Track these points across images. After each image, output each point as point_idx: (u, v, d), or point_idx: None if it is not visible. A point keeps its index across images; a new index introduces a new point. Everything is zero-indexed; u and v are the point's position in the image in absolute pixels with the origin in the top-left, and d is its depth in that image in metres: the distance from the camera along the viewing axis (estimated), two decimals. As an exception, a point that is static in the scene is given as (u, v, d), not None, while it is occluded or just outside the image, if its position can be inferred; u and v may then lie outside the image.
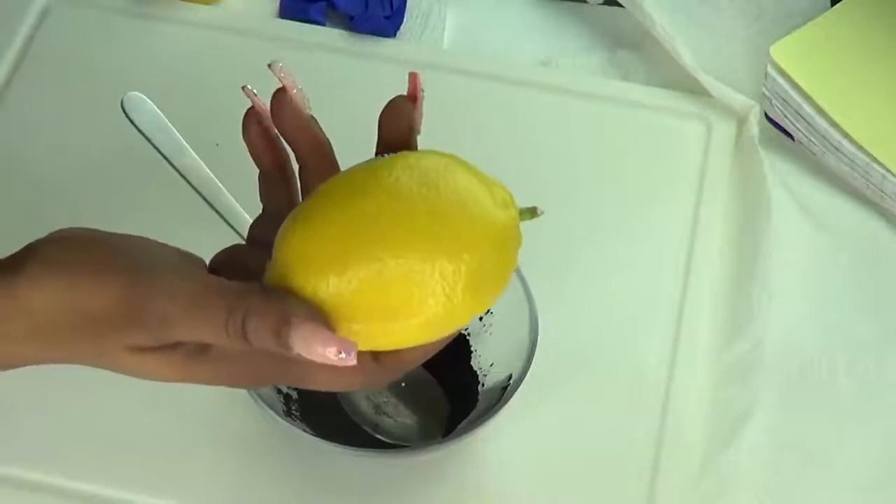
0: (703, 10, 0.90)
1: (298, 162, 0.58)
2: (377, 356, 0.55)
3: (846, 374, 0.76)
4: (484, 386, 0.72)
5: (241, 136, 0.58)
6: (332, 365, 0.52)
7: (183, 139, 0.75)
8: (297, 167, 0.59)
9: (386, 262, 0.51)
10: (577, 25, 0.92)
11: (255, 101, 0.58)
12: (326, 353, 0.50)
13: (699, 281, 0.79)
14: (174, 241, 0.56)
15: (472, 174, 0.54)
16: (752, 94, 0.85)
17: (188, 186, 0.73)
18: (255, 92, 0.58)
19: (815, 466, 0.73)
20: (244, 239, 0.62)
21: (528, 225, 0.55)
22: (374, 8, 0.88)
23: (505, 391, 0.69)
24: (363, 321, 0.52)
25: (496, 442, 0.73)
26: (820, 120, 0.81)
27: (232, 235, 0.71)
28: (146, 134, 0.75)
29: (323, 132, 0.58)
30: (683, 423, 0.74)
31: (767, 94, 0.84)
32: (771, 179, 0.82)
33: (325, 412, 0.71)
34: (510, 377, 0.69)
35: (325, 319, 0.51)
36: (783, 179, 0.83)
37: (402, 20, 0.89)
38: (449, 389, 0.73)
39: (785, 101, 0.83)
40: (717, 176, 0.84)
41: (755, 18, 0.90)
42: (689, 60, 0.87)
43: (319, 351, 0.50)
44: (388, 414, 0.72)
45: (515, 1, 0.93)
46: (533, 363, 0.69)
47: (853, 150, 0.80)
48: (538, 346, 0.69)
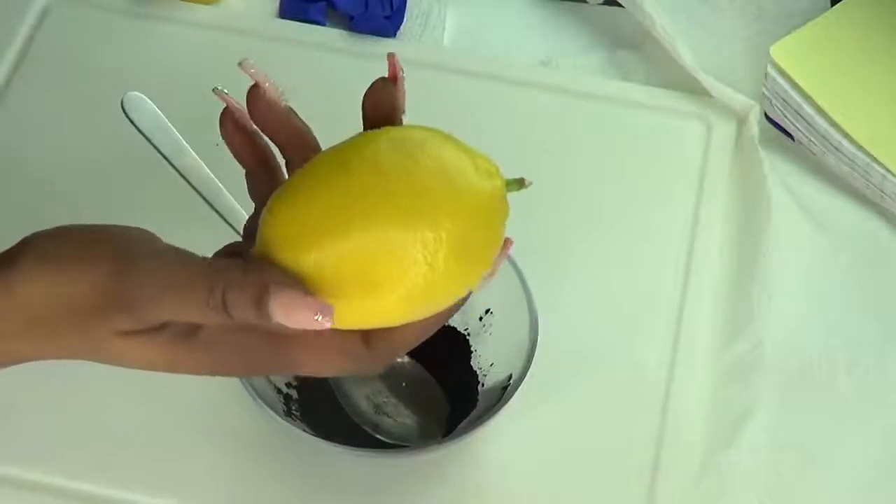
0: (703, 10, 0.90)
1: (283, 155, 0.58)
2: (367, 339, 0.55)
3: (846, 374, 0.76)
4: (484, 386, 0.72)
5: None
6: (320, 348, 0.53)
7: (183, 139, 0.75)
8: (283, 161, 0.59)
9: (366, 234, 0.51)
10: (577, 25, 0.92)
11: (227, 100, 0.58)
12: (304, 316, 0.50)
13: (699, 281, 0.79)
14: (174, 241, 0.56)
15: (455, 145, 0.54)
16: (752, 94, 0.85)
17: (188, 186, 0.73)
18: (226, 91, 0.58)
19: (815, 466, 0.73)
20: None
21: (528, 225, 0.55)
22: (374, 8, 0.88)
23: (505, 391, 0.69)
24: (346, 296, 0.52)
25: (496, 442, 0.73)
26: (820, 120, 0.81)
27: (232, 235, 0.71)
28: (146, 134, 0.75)
29: (303, 122, 0.58)
30: (683, 423, 0.74)
31: (767, 94, 0.84)
32: (771, 179, 0.82)
33: (325, 412, 0.71)
34: (510, 377, 0.69)
35: (303, 286, 0.51)
36: (783, 179, 0.83)
37: (402, 20, 0.90)
38: (449, 389, 0.73)
39: (785, 101, 0.83)
40: (717, 176, 0.84)
41: (755, 18, 0.90)
42: (689, 60, 0.87)
43: (299, 317, 0.50)
44: (388, 414, 0.72)
45: (515, 1, 0.93)
46: (533, 363, 0.69)
47: (853, 150, 0.80)
48: (538, 346, 0.69)
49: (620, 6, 0.90)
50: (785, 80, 0.82)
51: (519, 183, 0.55)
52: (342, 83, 0.86)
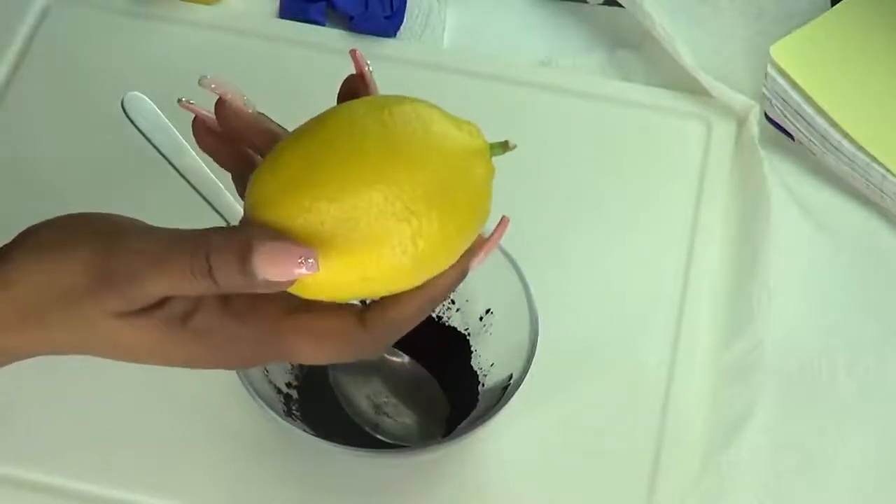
0: (703, 10, 0.90)
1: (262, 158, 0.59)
2: (363, 321, 0.55)
3: (846, 374, 0.76)
4: (484, 386, 0.72)
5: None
6: (316, 333, 0.53)
7: (183, 139, 0.75)
8: None
9: (345, 195, 0.52)
10: (577, 25, 0.92)
11: (194, 110, 0.60)
12: (288, 264, 0.51)
13: (699, 281, 0.79)
14: (174, 240, 0.56)
15: (438, 110, 0.54)
16: (752, 94, 0.85)
17: (188, 186, 0.73)
18: (191, 102, 0.59)
19: (815, 466, 0.73)
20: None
21: (528, 225, 0.55)
22: (374, 8, 0.88)
23: (505, 391, 0.69)
24: (330, 259, 0.52)
25: (496, 442, 0.73)
26: (820, 120, 0.81)
27: (232, 235, 0.71)
28: (146, 134, 0.75)
29: (276, 124, 0.59)
30: (683, 423, 0.74)
31: (767, 94, 0.84)
32: (771, 179, 0.82)
33: (325, 412, 0.71)
34: (510, 377, 0.69)
35: (286, 238, 0.52)
36: (783, 179, 0.83)
37: (402, 20, 0.89)
38: (449, 389, 0.73)
39: (785, 101, 0.83)
40: (717, 176, 0.84)
41: (755, 18, 0.90)
42: (688, 60, 0.87)
43: (283, 268, 0.51)
44: (388, 414, 0.71)
45: (515, 1, 0.93)
46: (533, 363, 0.69)
47: (853, 150, 0.80)
48: (538, 346, 0.69)
49: (620, 6, 0.90)
50: (785, 80, 0.82)
51: (503, 146, 0.55)
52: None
